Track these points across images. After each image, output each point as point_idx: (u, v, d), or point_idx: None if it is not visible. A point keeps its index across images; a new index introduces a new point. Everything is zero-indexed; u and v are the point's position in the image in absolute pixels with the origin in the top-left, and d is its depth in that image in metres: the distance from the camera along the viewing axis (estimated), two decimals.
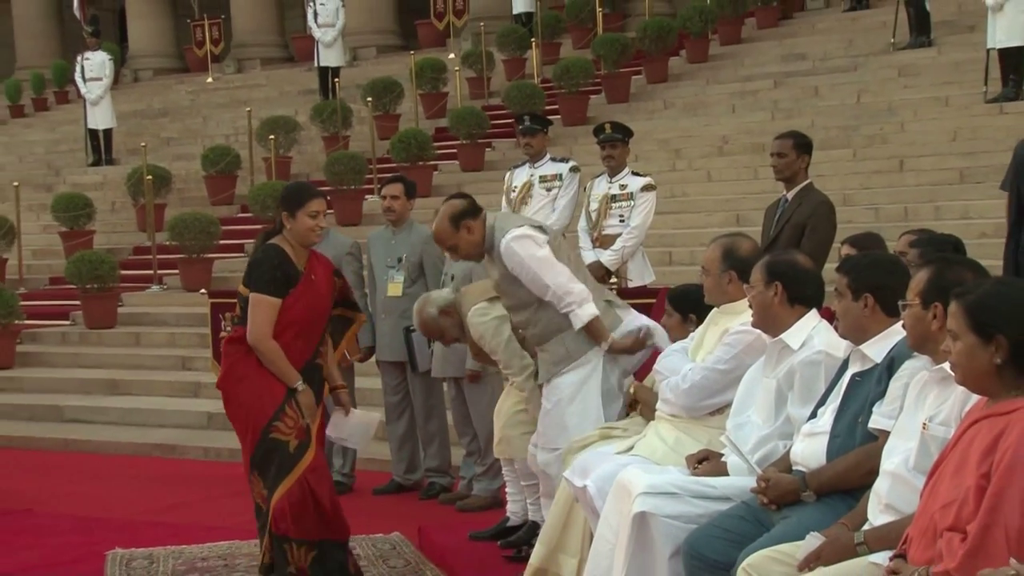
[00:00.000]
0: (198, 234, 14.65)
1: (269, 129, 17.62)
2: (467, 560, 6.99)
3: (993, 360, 3.67)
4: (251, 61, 26.35)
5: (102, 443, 11.22)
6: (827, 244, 7.96)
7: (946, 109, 14.57)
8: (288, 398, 6.17)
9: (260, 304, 6.14)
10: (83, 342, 14.05)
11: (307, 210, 6.21)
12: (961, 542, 3.54)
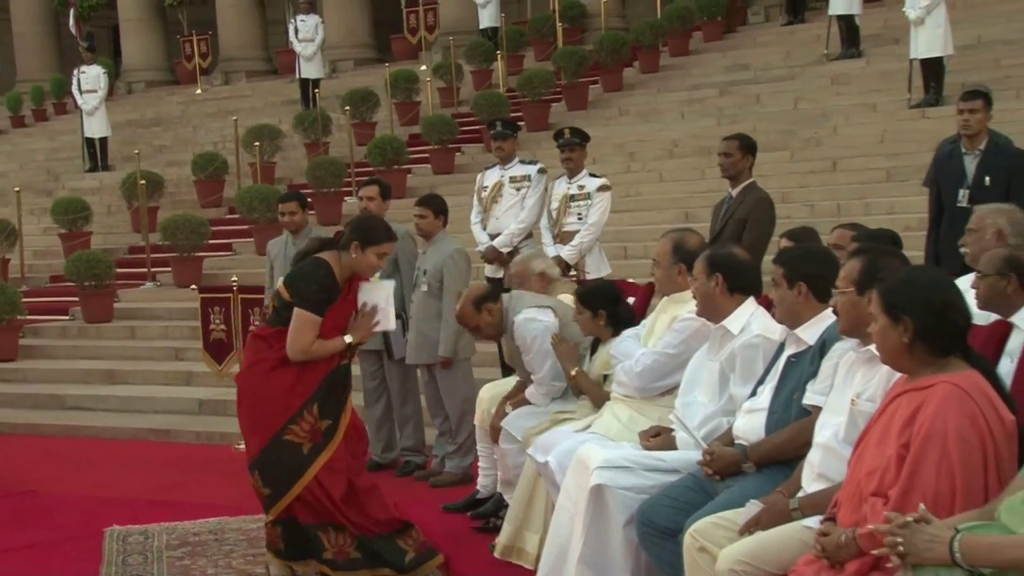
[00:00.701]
0: (189, 234, 14.59)
1: (254, 136, 17.55)
2: (440, 531, 7.02)
3: (902, 339, 3.74)
4: (237, 74, 26.22)
5: (101, 429, 11.17)
6: (767, 237, 8.01)
7: (874, 114, 14.65)
8: (310, 402, 5.89)
9: (304, 321, 5.86)
10: (82, 335, 13.98)
11: (379, 249, 5.99)
12: (884, 506, 3.59)
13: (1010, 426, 3.63)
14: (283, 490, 5.88)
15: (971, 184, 7.95)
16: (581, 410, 6.19)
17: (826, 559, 3.72)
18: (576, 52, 18.45)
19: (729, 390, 5.17)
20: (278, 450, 5.87)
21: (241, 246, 15.69)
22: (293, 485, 5.86)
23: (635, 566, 5.05)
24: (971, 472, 3.54)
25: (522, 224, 9.48)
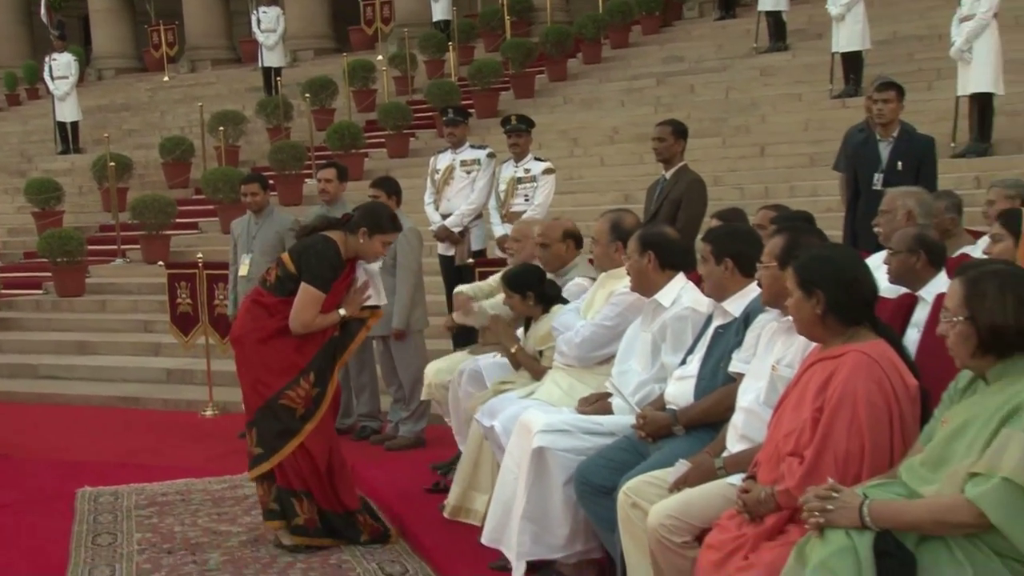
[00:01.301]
0: (157, 214, 14.54)
1: (219, 122, 17.46)
2: (393, 493, 7.06)
3: (815, 311, 3.80)
4: (203, 62, 26.01)
5: (73, 397, 11.15)
6: (699, 217, 8.05)
7: (799, 104, 14.75)
8: (307, 371, 5.93)
9: (311, 297, 5.87)
10: (55, 309, 13.88)
11: (385, 238, 6.04)
12: (799, 465, 3.65)
13: (914, 391, 3.71)
14: (273, 451, 5.92)
15: (885, 169, 8.03)
16: (521, 379, 6.24)
17: (747, 514, 3.76)
18: (523, 44, 18.47)
19: (661, 359, 5.21)
20: (273, 413, 5.90)
21: (206, 225, 15.61)
22: (283, 447, 5.90)
23: (573, 522, 5.08)
24: (878, 433, 3.61)
25: (472, 205, 9.51)
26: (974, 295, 3.35)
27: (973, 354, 3.37)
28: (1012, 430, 3.19)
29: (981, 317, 3.32)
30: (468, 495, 6.16)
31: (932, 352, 4.11)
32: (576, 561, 5.22)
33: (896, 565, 3.21)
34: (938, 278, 5.10)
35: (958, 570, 3.21)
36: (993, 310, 3.31)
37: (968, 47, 11.66)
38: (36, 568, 6.19)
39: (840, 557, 3.22)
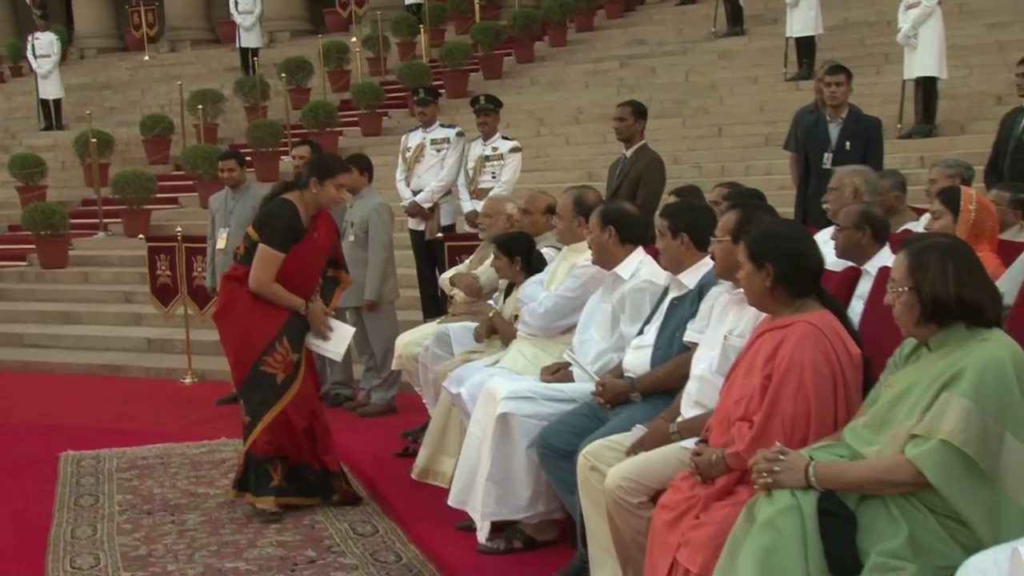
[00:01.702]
0: (138, 189, 14.40)
1: (198, 100, 17.30)
2: (366, 456, 7.08)
3: (765, 283, 3.82)
4: (182, 42, 25.79)
5: (56, 365, 11.10)
6: (658, 194, 8.06)
7: (755, 86, 14.76)
8: (279, 336, 5.87)
9: (266, 256, 5.81)
10: (39, 280, 13.77)
11: (336, 181, 5.93)
12: (748, 429, 3.68)
13: (857, 359, 3.74)
14: (258, 418, 5.88)
15: (834, 148, 8.07)
16: (489, 349, 6.26)
17: (699, 475, 3.79)
18: (492, 27, 18.39)
19: (620, 329, 5.24)
20: (256, 379, 5.87)
21: (186, 200, 15.51)
22: (266, 414, 5.87)
23: (536, 484, 5.12)
24: (824, 399, 3.64)
25: (442, 182, 9.52)
26: (918, 267, 3.38)
27: (917, 322, 3.40)
28: (951, 395, 3.23)
29: (924, 288, 3.36)
30: (436, 458, 6.19)
31: (875, 322, 4.15)
32: (538, 521, 5.27)
33: (838, 523, 3.25)
34: (882, 252, 5.14)
35: (895, 527, 3.25)
36: (935, 281, 3.34)
37: (914, 33, 11.74)
38: (21, 528, 6.17)
39: (786, 515, 3.26)
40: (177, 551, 5.63)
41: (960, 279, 3.33)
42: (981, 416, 3.19)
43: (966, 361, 3.27)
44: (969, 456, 3.19)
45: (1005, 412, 3.21)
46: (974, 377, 3.22)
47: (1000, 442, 3.20)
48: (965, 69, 12.78)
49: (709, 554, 3.49)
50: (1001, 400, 3.21)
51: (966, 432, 3.18)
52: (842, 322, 3.82)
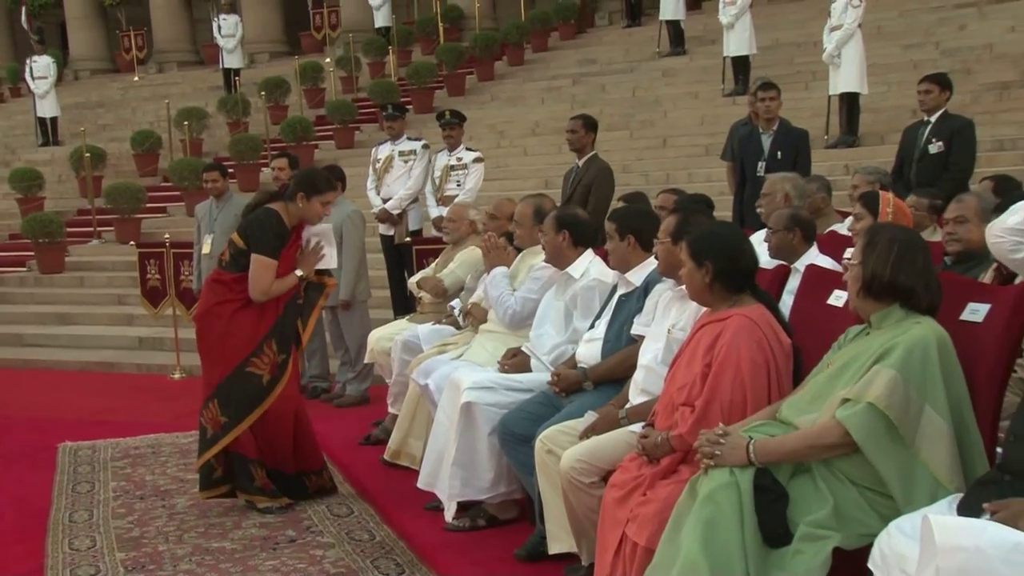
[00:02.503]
0: (129, 199, 14.38)
1: (184, 117, 17.18)
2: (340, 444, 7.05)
3: (705, 280, 3.84)
4: (169, 64, 25.58)
5: (54, 362, 11.02)
6: (608, 200, 8.07)
7: (696, 101, 14.82)
8: (268, 338, 5.61)
9: (262, 265, 5.56)
10: (37, 284, 13.66)
11: (323, 199, 5.67)
12: (691, 413, 3.70)
13: (788, 348, 3.77)
14: (241, 417, 5.61)
15: (767, 158, 8.12)
16: (462, 340, 6.24)
17: (646, 456, 3.81)
18: (455, 48, 18.38)
19: (573, 324, 5.25)
20: (241, 380, 5.59)
21: (173, 209, 15.39)
22: (251, 413, 5.62)
23: (497, 467, 5.13)
24: (758, 385, 3.67)
25: (409, 190, 9.48)
26: (869, 244, 3.44)
27: (858, 294, 3.45)
28: (881, 366, 3.27)
29: (868, 264, 3.41)
30: (406, 441, 6.21)
31: (803, 315, 4.19)
32: (500, 501, 5.26)
33: (771, 498, 3.28)
34: (810, 252, 5.18)
35: (821, 500, 3.29)
36: (878, 258, 3.39)
37: (837, 53, 11.84)
38: (22, 512, 6.11)
39: (724, 491, 3.28)
40: (167, 532, 5.59)
41: (899, 263, 3.38)
42: (906, 387, 3.23)
43: (899, 339, 3.31)
44: (891, 421, 3.23)
45: (926, 387, 3.25)
46: (904, 352, 3.27)
47: (920, 413, 3.24)
48: (884, 85, 12.88)
49: (655, 528, 3.50)
50: (924, 376, 3.26)
51: (891, 399, 3.22)
52: (774, 315, 3.84)
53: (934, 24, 15.11)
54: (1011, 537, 2.38)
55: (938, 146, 7.98)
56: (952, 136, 7.98)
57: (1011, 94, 11.72)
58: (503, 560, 4.80)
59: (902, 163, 8.22)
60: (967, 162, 7.99)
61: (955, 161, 7.92)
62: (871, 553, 2.93)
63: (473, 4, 21.28)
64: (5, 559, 5.37)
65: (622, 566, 3.67)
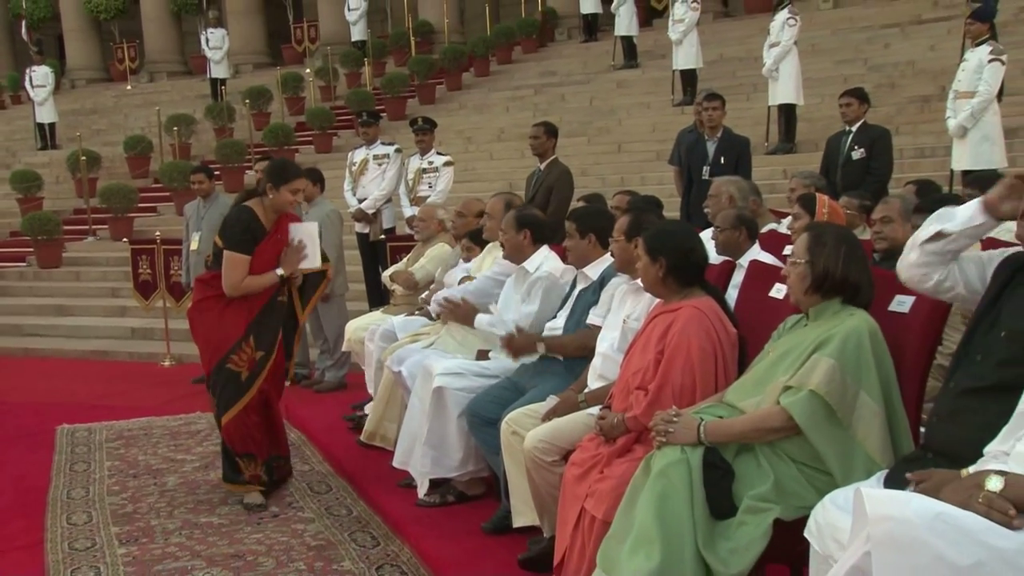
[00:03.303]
0: (122, 199, 14.23)
1: (174, 123, 17.08)
2: (320, 427, 7.01)
3: (659, 273, 3.84)
4: (160, 74, 25.36)
5: (52, 351, 10.92)
6: (568, 201, 8.07)
7: (648, 110, 14.85)
8: (246, 335, 5.32)
9: (232, 261, 5.27)
10: (36, 278, 13.48)
11: (291, 186, 5.30)
12: (644, 396, 3.69)
13: (733, 337, 3.77)
14: (224, 410, 5.41)
15: (711, 162, 8.17)
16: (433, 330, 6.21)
17: (603, 436, 3.80)
18: (426, 60, 18.31)
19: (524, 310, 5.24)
20: (223, 376, 5.37)
21: (164, 208, 15.25)
22: (231, 407, 5.38)
23: (466, 447, 5.10)
24: (707, 371, 3.67)
25: (383, 191, 9.45)
26: (817, 244, 3.42)
27: (806, 291, 3.44)
28: (820, 355, 3.28)
29: (818, 261, 3.40)
30: (381, 424, 6.17)
31: (746, 307, 4.19)
32: (468, 479, 5.24)
33: (718, 474, 3.28)
34: (753, 249, 5.19)
35: (763, 476, 3.30)
36: (828, 256, 3.39)
37: (776, 67, 11.91)
38: (23, 490, 6.05)
39: (676, 467, 3.28)
40: (159, 508, 5.55)
41: (848, 261, 3.38)
42: (843, 374, 3.25)
43: (835, 330, 3.33)
44: (831, 406, 3.24)
45: (860, 374, 3.27)
46: (840, 343, 3.28)
47: (855, 397, 3.26)
48: (818, 97, 12.97)
49: (612, 502, 3.50)
50: (859, 363, 3.27)
51: (830, 386, 3.23)
52: (721, 307, 3.84)
53: (862, 42, 15.23)
54: (934, 507, 2.39)
55: (860, 152, 8.12)
56: (872, 143, 8.13)
57: (931, 106, 11.83)
58: (471, 533, 4.79)
59: (827, 169, 8.31)
60: (886, 167, 8.16)
61: (875, 166, 8.10)
62: (808, 524, 2.94)
63: (442, 19, 21.26)
64: (8, 532, 5.32)
65: (581, 538, 3.67)
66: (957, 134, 8.80)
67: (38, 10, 26.30)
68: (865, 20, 16.32)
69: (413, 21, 21.43)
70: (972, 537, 2.31)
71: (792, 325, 3.58)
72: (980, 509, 2.39)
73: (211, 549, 4.87)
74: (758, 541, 3.17)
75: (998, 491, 2.40)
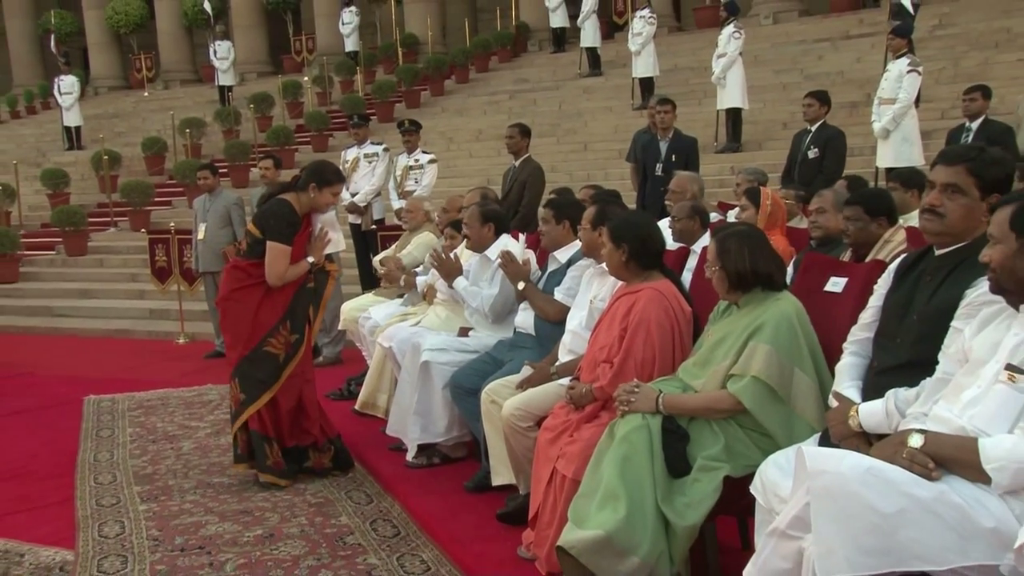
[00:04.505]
0: (140, 194, 14.11)
1: (186, 125, 16.91)
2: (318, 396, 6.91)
3: (622, 258, 3.82)
4: (174, 82, 25.06)
5: (79, 330, 10.82)
6: (540, 194, 8.01)
7: (611, 114, 14.79)
8: (283, 319, 4.97)
9: (278, 252, 4.91)
10: (64, 265, 13.33)
11: (333, 189, 5.00)
12: (610, 369, 3.68)
13: (689, 315, 3.76)
14: (257, 395, 4.98)
15: (664, 160, 8.14)
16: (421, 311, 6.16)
17: (573, 404, 3.79)
18: (412, 68, 18.17)
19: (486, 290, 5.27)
20: (260, 359, 4.96)
21: (177, 202, 15.09)
22: (266, 391, 4.98)
23: (450, 415, 5.08)
24: (665, 346, 3.66)
25: (373, 187, 9.38)
26: (723, 251, 3.41)
27: (728, 291, 3.44)
28: (756, 343, 3.27)
29: (728, 265, 3.39)
30: (374, 395, 6.11)
31: (700, 288, 4.18)
32: (452, 443, 5.22)
33: (675, 438, 3.28)
34: (704, 236, 5.17)
35: (715, 438, 3.30)
36: (735, 260, 3.37)
37: (723, 76, 11.88)
38: (54, 453, 5.99)
39: (638, 432, 3.27)
40: (176, 470, 5.49)
41: (753, 257, 3.37)
42: (779, 357, 3.24)
43: (765, 316, 3.32)
44: (772, 387, 3.24)
45: (794, 353, 3.27)
46: (772, 328, 3.27)
47: (791, 375, 3.25)
48: (761, 102, 12.96)
49: (580, 463, 3.49)
50: (791, 344, 3.27)
51: (769, 369, 3.23)
52: (678, 288, 3.83)
53: (799, 54, 15.23)
54: (864, 462, 2.42)
55: (814, 151, 8.07)
56: (826, 144, 8.06)
57: (858, 111, 11.83)
58: (455, 491, 4.77)
59: (791, 165, 8.27)
60: (836, 165, 8.05)
61: (827, 165, 8.00)
62: (753, 480, 2.94)
63: (427, 32, 21.12)
64: (42, 490, 5.28)
65: (553, 495, 3.66)
66: (881, 136, 8.83)
67: (65, 25, 26.03)
68: (801, 35, 16.33)
69: (400, 34, 21.26)
70: (897, 488, 2.35)
71: (724, 311, 3.56)
72: (903, 463, 2.42)
73: (222, 506, 4.82)
74: (710, 496, 3.17)
75: (919, 447, 2.45)
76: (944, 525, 2.32)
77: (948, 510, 2.33)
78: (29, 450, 6.08)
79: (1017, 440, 2.36)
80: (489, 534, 4.21)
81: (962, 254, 2.84)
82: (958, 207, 2.82)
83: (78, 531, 4.57)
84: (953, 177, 2.82)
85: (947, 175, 2.83)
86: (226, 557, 4.15)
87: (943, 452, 2.43)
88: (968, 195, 2.81)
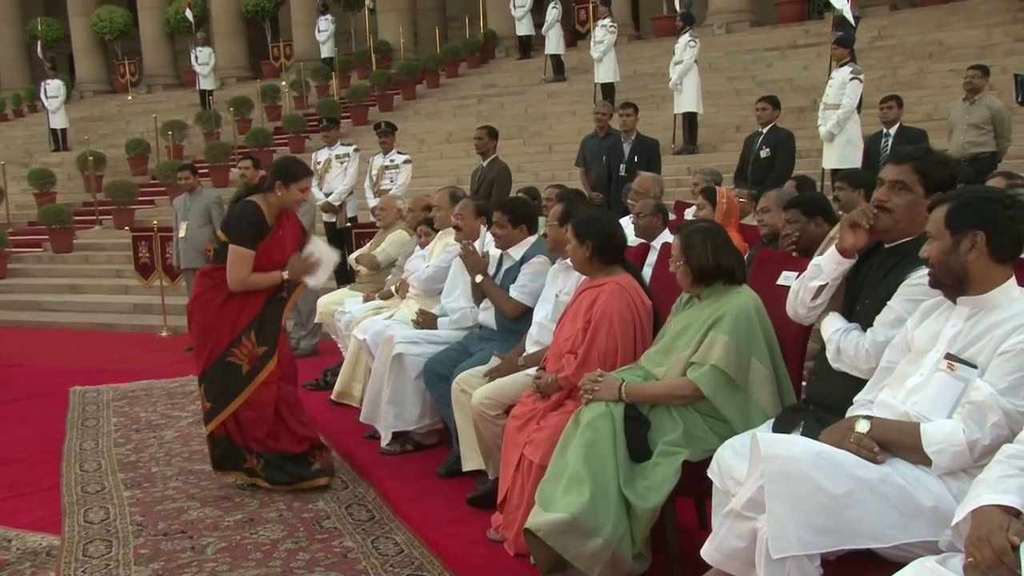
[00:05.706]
0: (124, 194, 13.89)
1: (168, 128, 16.68)
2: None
3: (586, 254, 3.80)
4: (156, 86, 24.71)
5: (65, 323, 10.64)
6: (507, 193, 7.99)
7: (574, 117, 14.72)
8: (247, 330, 4.54)
9: (238, 255, 4.49)
10: (51, 261, 13.10)
11: (299, 185, 4.55)
12: (574, 359, 3.66)
13: (649, 308, 3.75)
14: (223, 405, 4.60)
15: (627, 161, 8.15)
16: (393, 305, 6.11)
17: (539, 393, 3.77)
18: (385, 74, 18.05)
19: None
20: (223, 369, 4.57)
21: (160, 201, 14.80)
22: (232, 402, 4.58)
23: (423, 404, 5.05)
24: (627, 338, 3.64)
25: (346, 186, 9.34)
26: (687, 246, 3.40)
27: (692, 284, 3.43)
28: (716, 333, 3.26)
29: (692, 260, 3.37)
30: (349, 385, 6.07)
31: (659, 283, 4.17)
32: (425, 431, 5.19)
33: (637, 425, 3.27)
34: (664, 233, 5.17)
35: (674, 424, 3.29)
36: (699, 255, 3.36)
37: (680, 82, 11.90)
38: (42, 441, 5.89)
39: (602, 419, 3.25)
40: (158, 457, 5.41)
41: (716, 252, 3.36)
42: (737, 347, 3.24)
43: (725, 308, 3.31)
44: (730, 376, 3.23)
45: (751, 343, 3.26)
46: (732, 319, 3.26)
47: (748, 364, 3.25)
48: (715, 107, 13.01)
49: (547, 449, 3.47)
50: (749, 335, 3.26)
51: (728, 359, 3.22)
52: (639, 282, 3.81)
53: (750, 62, 15.31)
54: (815, 447, 2.45)
55: (766, 151, 8.10)
56: (777, 145, 8.10)
57: (805, 116, 11.91)
58: (427, 476, 4.74)
59: (743, 165, 8.30)
60: (786, 165, 8.11)
61: (778, 164, 8.05)
62: (711, 465, 2.94)
63: (399, 39, 21.00)
64: (31, 477, 5.20)
65: (521, 479, 3.64)
66: (826, 139, 8.90)
67: (52, 31, 25.64)
68: (752, 44, 16.42)
69: (374, 41, 21.12)
70: (845, 471, 2.37)
71: (686, 302, 3.55)
72: (851, 448, 2.45)
73: (204, 492, 4.75)
74: (670, 479, 3.16)
75: (865, 432, 2.48)
76: (888, 505, 2.35)
77: (892, 491, 2.36)
78: (17, 439, 5.97)
79: (956, 425, 2.39)
80: (460, 517, 4.18)
81: (908, 247, 2.86)
82: (903, 203, 2.86)
83: (64, 517, 4.49)
84: (900, 175, 2.86)
85: (895, 173, 2.87)
86: (207, 541, 4.10)
87: (887, 436, 2.46)
88: (913, 191, 2.85)
